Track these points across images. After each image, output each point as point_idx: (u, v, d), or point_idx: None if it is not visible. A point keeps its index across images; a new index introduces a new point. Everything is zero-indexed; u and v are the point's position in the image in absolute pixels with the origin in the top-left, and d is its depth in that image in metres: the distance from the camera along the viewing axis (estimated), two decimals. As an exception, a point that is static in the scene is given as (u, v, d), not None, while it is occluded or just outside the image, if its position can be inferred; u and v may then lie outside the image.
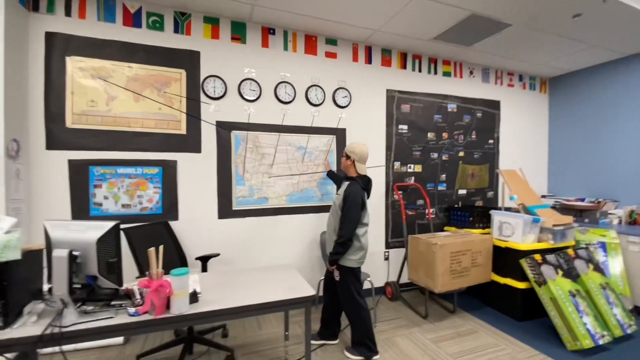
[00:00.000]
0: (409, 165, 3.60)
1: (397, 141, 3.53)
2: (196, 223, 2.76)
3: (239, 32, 2.87)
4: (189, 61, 2.72)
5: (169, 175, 2.67)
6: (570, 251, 2.88)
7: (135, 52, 2.56)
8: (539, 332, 2.70)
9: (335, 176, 2.96)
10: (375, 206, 3.46)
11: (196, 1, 2.56)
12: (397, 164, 3.54)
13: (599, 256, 3.12)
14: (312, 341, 2.43)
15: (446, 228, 3.66)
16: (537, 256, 2.74)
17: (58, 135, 2.40)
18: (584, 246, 3.08)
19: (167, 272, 1.56)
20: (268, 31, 2.97)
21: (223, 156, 2.84)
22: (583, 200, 3.82)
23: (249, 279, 1.99)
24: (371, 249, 3.42)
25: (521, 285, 2.84)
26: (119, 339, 2.44)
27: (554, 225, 2.93)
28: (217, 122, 2.81)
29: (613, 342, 2.49)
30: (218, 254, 2.64)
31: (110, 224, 1.45)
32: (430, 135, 3.70)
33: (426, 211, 3.69)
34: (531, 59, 3.76)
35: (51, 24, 2.37)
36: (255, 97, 2.91)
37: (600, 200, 3.68)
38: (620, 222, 3.47)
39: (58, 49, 2.38)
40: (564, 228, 2.98)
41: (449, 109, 3.79)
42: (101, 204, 2.51)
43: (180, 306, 1.48)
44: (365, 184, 2.32)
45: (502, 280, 2.99)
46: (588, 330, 2.40)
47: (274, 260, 3.02)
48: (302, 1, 2.53)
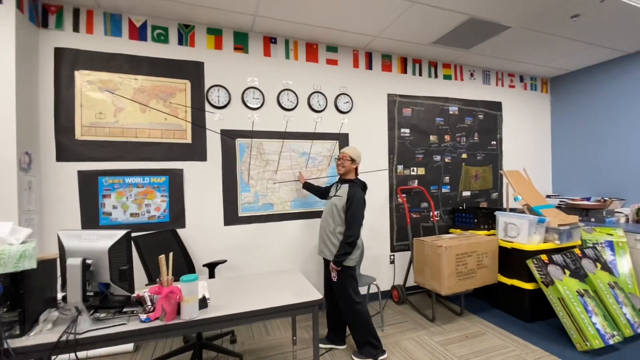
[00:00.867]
0: (412, 169, 3.62)
1: (400, 145, 3.56)
2: (203, 230, 2.80)
3: (241, 42, 2.94)
4: (193, 72, 2.78)
5: (175, 184, 2.72)
6: (577, 251, 2.87)
7: (141, 64, 2.63)
8: (548, 333, 2.68)
9: (313, 187, 2.91)
10: (380, 210, 3.48)
11: (199, 13, 2.63)
12: (400, 167, 3.56)
13: (607, 255, 3.10)
14: (321, 345, 2.44)
15: (451, 230, 3.66)
16: (544, 256, 2.73)
17: (68, 147, 2.46)
18: (591, 245, 3.06)
19: (175, 279, 1.59)
20: (270, 40, 3.03)
21: (228, 164, 2.89)
22: (589, 199, 3.81)
23: (256, 284, 2.01)
24: (377, 252, 3.45)
25: (528, 286, 2.83)
26: (129, 346, 2.47)
27: (559, 225, 2.93)
28: (221, 130, 2.86)
29: (623, 342, 2.47)
30: (225, 261, 2.67)
31: (121, 233, 1.49)
32: (433, 138, 3.72)
33: (430, 214, 3.70)
34: (531, 60, 3.78)
35: (60, 40, 2.45)
36: (259, 105, 2.97)
37: (607, 199, 3.66)
38: (627, 220, 3.45)
39: (67, 63, 2.46)
40: (570, 228, 2.98)
41: (451, 112, 3.82)
42: (110, 214, 2.56)
43: (190, 312, 1.51)
44: (363, 185, 2.42)
45: (509, 282, 2.98)
46: (598, 330, 2.38)
47: (280, 266, 3.04)
48: (302, 10, 2.59)
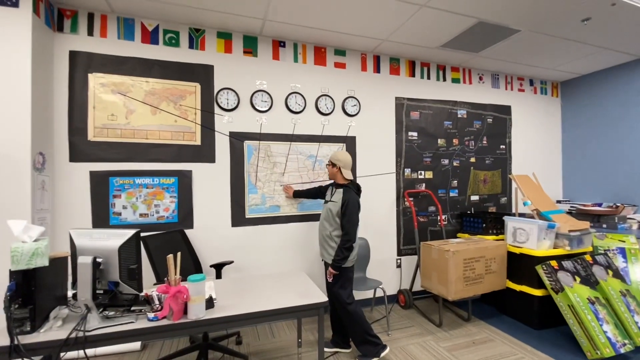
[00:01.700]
0: (419, 172, 3.60)
1: (407, 148, 3.55)
2: (210, 231, 2.82)
3: (250, 46, 2.97)
4: (203, 75, 2.82)
5: (184, 185, 2.75)
6: (587, 257, 2.82)
7: (152, 68, 2.68)
8: (558, 340, 2.63)
9: (304, 192, 2.94)
10: (386, 213, 3.47)
11: (210, 17, 2.67)
12: (407, 170, 3.55)
13: (619, 262, 3.03)
14: (325, 349, 2.44)
15: (459, 235, 3.63)
16: (554, 262, 2.69)
17: (81, 147, 2.51)
18: (602, 252, 3.00)
19: (183, 279, 1.61)
20: (279, 44, 3.06)
21: (236, 166, 2.91)
22: (600, 205, 3.74)
23: (262, 285, 2.02)
24: (383, 256, 3.43)
25: (538, 293, 2.78)
26: (136, 345, 2.50)
27: (570, 231, 2.88)
28: (230, 132, 2.89)
29: (635, 351, 2.41)
30: (232, 261, 2.69)
31: (131, 232, 1.52)
32: (441, 141, 3.71)
33: (438, 218, 3.67)
34: (541, 64, 3.75)
35: (75, 43, 2.51)
36: (267, 108, 2.99)
37: (619, 205, 3.59)
38: (639, 227, 3.38)
39: (81, 66, 2.52)
40: (580, 234, 2.93)
41: (459, 115, 3.80)
42: (120, 214, 2.60)
43: (197, 311, 1.53)
44: (356, 189, 2.44)
45: (518, 288, 2.94)
46: (609, 338, 2.33)
47: (286, 268, 3.05)
48: (311, 14, 2.62)
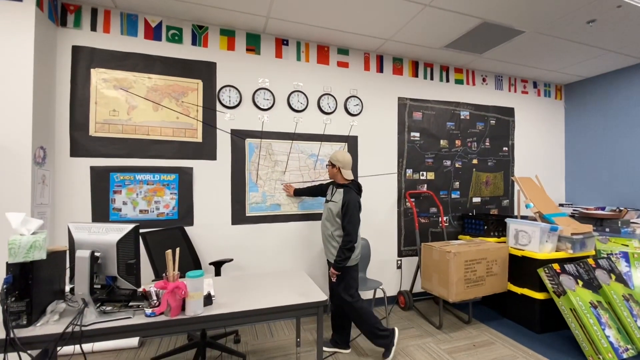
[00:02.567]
0: (421, 173, 3.58)
1: (409, 148, 3.53)
2: (210, 228, 2.81)
3: (253, 43, 2.97)
4: (205, 72, 2.81)
5: (185, 182, 2.74)
6: (590, 261, 2.79)
7: (155, 64, 2.68)
8: (560, 344, 2.60)
9: (305, 190, 2.95)
10: (388, 214, 3.45)
11: (213, 14, 2.66)
12: (409, 171, 3.53)
13: (622, 266, 3.00)
14: (325, 348, 2.42)
15: (460, 237, 3.60)
16: (556, 266, 2.66)
17: (82, 143, 2.51)
18: (605, 256, 2.97)
19: (182, 276, 1.60)
20: (282, 42, 3.06)
21: (237, 163, 2.90)
22: (603, 209, 3.71)
23: (261, 283, 2.00)
24: (384, 257, 3.41)
25: (539, 296, 2.75)
26: (134, 342, 2.49)
27: (572, 234, 2.85)
28: (232, 130, 2.88)
29: (637, 356, 2.38)
30: (231, 259, 2.68)
31: (130, 226, 1.51)
32: (443, 142, 3.69)
33: (439, 219, 3.65)
34: (545, 66, 3.73)
35: (78, 38, 2.51)
36: (269, 106, 2.98)
37: (622, 209, 3.56)
38: (643, 231, 3.34)
39: (84, 61, 2.52)
40: (583, 237, 2.90)
41: (462, 117, 3.78)
42: (120, 209, 2.59)
43: (195, 308, 1.51)
44: (357, 188, 2.43)
45: (519, 291, 2.91)
46: (611, 343, 2.30)
47: (286, 267, 3.03)
48: (314, 13, 2.61)
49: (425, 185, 3.60)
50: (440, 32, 2.91)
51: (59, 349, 1.37)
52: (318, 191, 2.81)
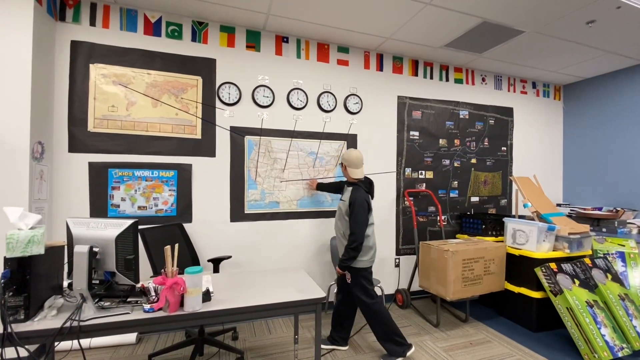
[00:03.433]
0: (420, 172, 3.59)
1: (408, 147, 3.54)
2: (209, 226, 2.81)
3: (253, 40, 2.96)
4: (205, 68, 2.81)
5: (183, 179, 2.74)
6: (587, 260, 2.81)
7: (154, 60, 2.67)
8: (556, 343, 2.62)
9: (326, 186, 2.98)
10: (386, 212, 3.46)
11: (213, 11, 2.65)
12: (408, 170, 3.54)
13: (618, 266, 3.02)
14: (322, 345, 2.42)
15: (458, 236, 3.61)
16: (553, 265, 2.68)
17: (80, 138, 2.50)
18: (602, 256, 2.99)
19: (180, 273, 1.59)
20: (282, 39, 3.05)
21: (236, 160, 2.90)
22: (600, 209, 3.73)
23: (260, 280, 2.01)
24: (381, 255, 3.42)
25: (536, 295, 2.77)
26: (132, 338, 2.49)
27: (569, 234, 2.87)
28: (231, 127, 2.88)
29: (632, 355, 2.40)
30: (230, 257, 2.68)
31: (129, 222, 1.51)
32: (442, 141, 3.69)
33: (438, 218, 3.66)
34: (544, 66, 3.74)
35: (76, 33, 2.50)
36: (269, 103, 2.98)
37: (619, 209, 3.58)
38: (639, 231, 3.36)
39: (82, 56, 2.50)
40: (580, 237, 2.91)
41: (461, 116, 3.79)
42: (118, 206, 2.58)
43: (193, 304, 1.51)
44: (367, 186, 2.38)
45: (517, 289, 2.92)
46: (606, 342, 2.32)
47: (284, 264, 3.03)
48: (314, 10, 2.60)
49: (424, 184, 3.61)
50: (441, 31, 2.92)
51: (56, 344, 1.37)
52: (338, 188, 2.82)
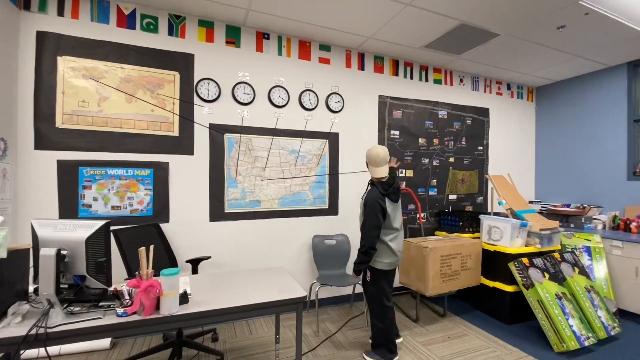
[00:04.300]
0: (400, 170, 3.64)
1: (389, 146, 3.58)
2: (187, 225, 2.74)
3: (233, 36, 2.90)
4: (183, 63, 2.72)
5: (160, 177, 2.65)
6: (556, 255, 2.95)
7: (128, 53, 2.56)
8: (527, 334, 2.73)
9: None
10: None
11: (191, 4, 2.58)
12: (388, 168, 3.58)
13: (584, 260, 3.19)
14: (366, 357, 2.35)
15: (437, 232, 3.70)
16: (525, 260, 2.79)
17: (47, 135, 2.36)
18: (570, 250, 3.15)
19: (157, 274, 1.54)
20: (262, 36, 3.00)
21: (216, 159, 2.84)
22: (569, 205, 3.92)
23: (240, 280, 1.98)
24: (363, 252, 3.44)
25: (509, 289, 2.88)
26: (105, 343, 2.39)
27: (541, 230, 2.99)
28: (210, 124, 2.81)
29: (597, 344, 2.55)
30: (209, 257, 2.62)
31: (100, 223, 1.44)
32: (422, 141, 3.76)
33: (417, 215, 3.73)
34: (518, 69, 3.88)
35: (43, 23, 2.36)
36: (249, 101, 2.93)
37: (585, 205, 3.77)
38: (604, 227, 3.56)
39: (49, 48, 2.37)
40: (550, 232, 3.05)
41: (440, 116, 3.87)
42: (90, 205, 2.47)
43: (170, 307, 1.47)
44: (386, 187, 2.21)
45: (491, 284, 3.03)
46: (574, 332, 2.44)
47: (265, 264, 3.00)
48: (296, 7, 2.58)
49: (404, 183, 3.67)
50: (421, 32, 2.96)
51: (22, 352, 1.30)
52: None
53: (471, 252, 3.01)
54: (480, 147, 4.17)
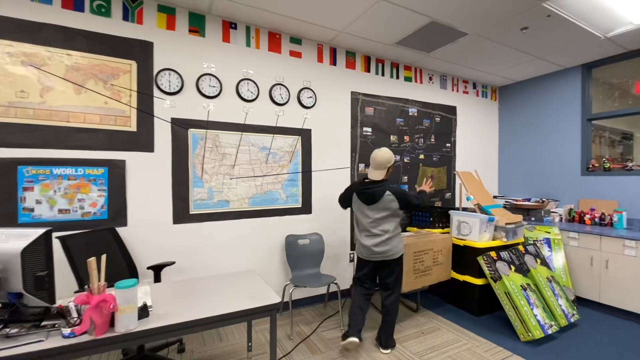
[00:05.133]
0: (373, 167, 3.62)
1: (362, 143, 3.55)
2: (148, 229, 2.52)
3: (197, 24, 2.70)
4: (140, 52, 2.49)
5: (116, 177, 2.41)
6: (520, 247, 3.07)
7: (75, 38, 2.29)
8: (496, 325, 2.83)
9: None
10: (341, 208, 3.43)
11: (149, -13, 2.36)
12: (361, 165, 3.55)
13: (545, 251, 3.37)
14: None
15: (409, 228, 3.74)
16: (493, 253, 2.88)
17: (-23, 129, 2.05)
18: (532, 242, 3.31)
19: (110, 286, 1.37)
20: (229, 25, 2.83)
21: (179, 156, 2.64)
22: (529, 200, 4.13)
23: (207, 288, 1.83)
24: (336, 251, 3.40)
25: (478, 282, 2.96)
26: (53, 363, 2.13)
27: (506, 224, 3.11)
28: (172, 119, 2.60)
29: (560, 331, 2.69)
30: (173, 262, 2.43)
31: (39, 232, 1.24)
32: (393, 138, 3.77)
33: (389, 212, 3.74)
34: (483, 68, 4.00)
35: (-31, 0, 2.04)
36: (215, 94, 2.75)
37: (544, 199, 3.99)
38: (561, 219, 3.79)
39: (-22, 29, 2.05)
40: (515, 226, 3.18)
41: (410, 113, 3.90)
42: (33, 209, 2.19)
43: (127, 323, 1.31)
44: (360, 184, 2.42)
45: (461, 278, 3.11)
46: (538, 321, 2.55)
47: (235, 267, 2.86)
48: (265, -4, 2.44)
49: (377, 180, 3.65)
50: (392, 28, 2.94)
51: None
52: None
53: (442, 247, 3.06)
54: (449, 144, 4.27)
